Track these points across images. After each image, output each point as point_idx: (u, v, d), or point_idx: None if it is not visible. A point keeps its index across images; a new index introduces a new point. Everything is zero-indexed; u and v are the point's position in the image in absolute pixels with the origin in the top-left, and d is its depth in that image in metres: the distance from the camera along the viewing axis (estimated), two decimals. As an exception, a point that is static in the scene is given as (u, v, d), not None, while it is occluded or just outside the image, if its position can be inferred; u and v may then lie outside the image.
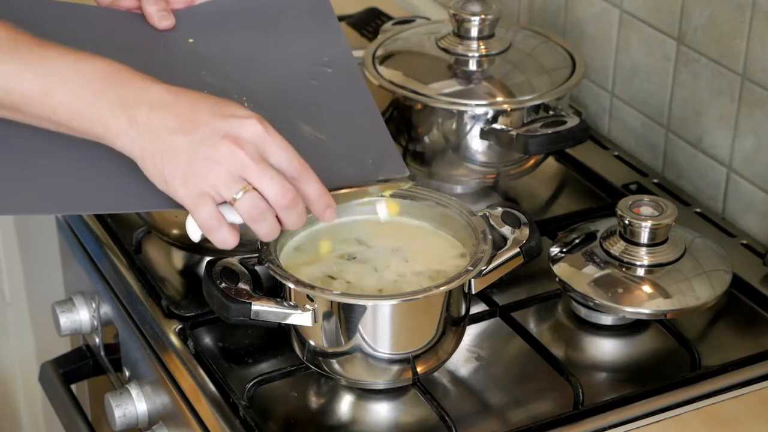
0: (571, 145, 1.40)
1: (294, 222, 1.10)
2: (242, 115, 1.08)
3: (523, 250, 1.17)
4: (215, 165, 1.06)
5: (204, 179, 1.07)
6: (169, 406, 1.27)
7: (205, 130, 1.07)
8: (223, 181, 1.07)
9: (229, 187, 1.07)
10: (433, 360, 1.16)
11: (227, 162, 1.06)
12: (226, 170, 1.06)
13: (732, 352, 1.24)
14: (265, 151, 1.08)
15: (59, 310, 1.49)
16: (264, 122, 1.09)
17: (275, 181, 1.08)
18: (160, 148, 1.07)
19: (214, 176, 1.07)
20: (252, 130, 1.08)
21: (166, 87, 1.09)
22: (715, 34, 1.43)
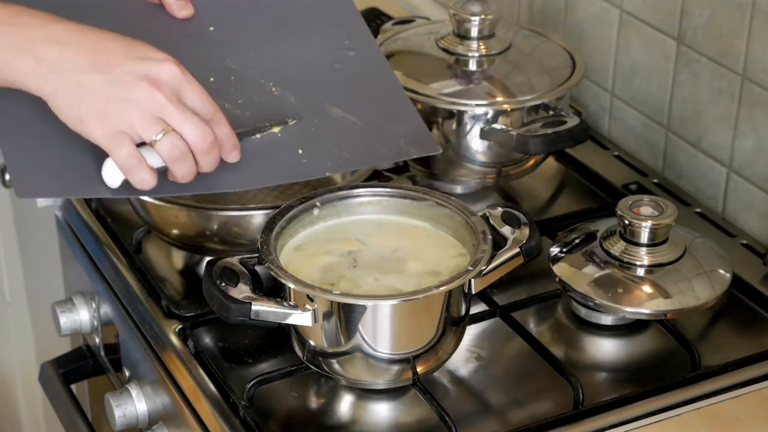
0: (571, 145, 1.40)
1: (210, 164, 1.12)
2: (157, 57, 1.09)
3: (523, 250, 1.17)
4: (133, 106, 1.07)
5: (121, 119, 1.07)
6: (169, 406, 1.27)
7: (120, 70, 1.07)
8: (142, 121, 1.07)
9: (149, 128, 1.08)
10: (433, 360, 1.16)
11: (146, 103, 1.07)
12: (145, 111, 1.07)
13: (732, 352, 1.24)
14: (181, 93, 1.09)
15: (59, 310, 1.49)
16: (179, 65, 1.09)
17: (196, 124, 1.09)
18: (73, 86, 1.06)
19: (132, 117, 1.07)
20: (169, 72, 1.08)
21: (72, 25, 1.09)
22: (715, 34, 1.43)
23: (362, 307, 1.11)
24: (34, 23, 1.08)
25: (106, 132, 1.08)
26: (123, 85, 1.07)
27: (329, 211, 1.23)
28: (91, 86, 1.07)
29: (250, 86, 1.27)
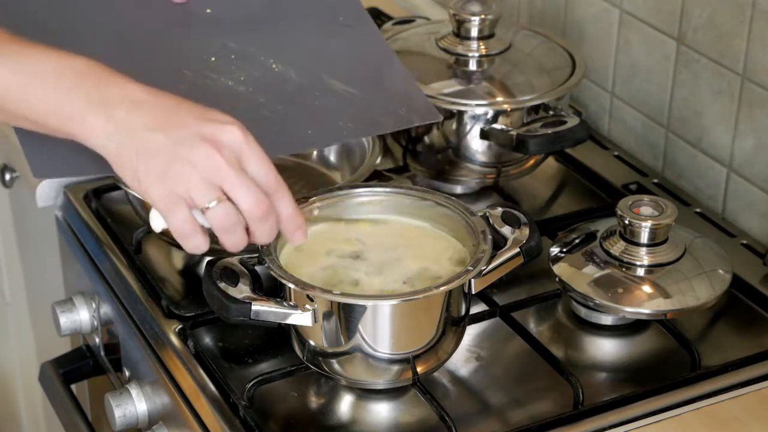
0: (571, 145, 1.40)
1: (265, 235, 1.09)
2: (224, 120, 1.06)
3: (523, 250, 1.17)
4: (192, 168, 1.04)
5: (179, 182, 1.04)
6: (169, 406, 1.27)
7: (184, 131, 1.05)
8: (198, 187, 1.04)
9: (204, 194, 1.05)
10: (433, 360, 1.16)
11: (204, 166, 1.04)
12: (202, 175, 1.04)
13: (732, 352, 1.24)
14: (243, 159, 1.06)
15: (59, 310, 1.49)
16: (245, 130, 1.07)
17: (251, 191, 1.05)
18: (136, 144, 1.05)
19: (190, 180, 1.04)
20: (232, 137, 1.05)
21: (146, 87, 1.07)
22: (715, 34, 1.43)
23: (362, 307, 1.11)
24: (111, 82, 1.07)
25: (162, 194, 1.05)
26: (185, 145, 1.04)
27: (329, 211, 1.23)
28: (154, 145, 1.04)
29: (251, 63, 1.28)
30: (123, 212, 1.44)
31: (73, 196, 1.49)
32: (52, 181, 1.51)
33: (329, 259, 1.19)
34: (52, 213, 1.55)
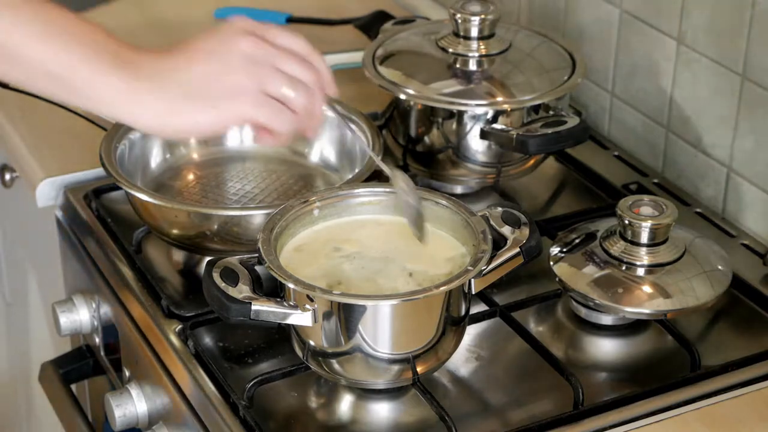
0: (571, 145, 1.40)
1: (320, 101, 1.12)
2: (229, 20, 1.08)
3: (523, 250, 1.17)
4: (249, 64, 1.06)
5: (249, 81, 1.06)
6: (169, 406, 1.27)
7: (215, 46, 1.06)
8: (268, 77, 1.06)
9: (278, 82, 1.07)
10: (433, 360, 1.16)
11: (258, 56, 1.06)
12: (262, 66, 1.06)
13: (732, 352, 1.24)
14: (271, 37, 1.08)
15: (59, 310, 1.49)
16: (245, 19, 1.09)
17: (304, 65, 1.09)
18: (186, 84, 1.05)
19: (256, 74, 1.06)
20: (250, 23, 1.08)
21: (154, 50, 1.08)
22: (715, 34, 1.43)
23: (362, 307, 1.11)
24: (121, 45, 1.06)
25: (244, 106, 1.06)
26: (227, 51, 1.06)
27: (329, 211, 1.23)
28: (205, 72, 1.05)
29: None
30: (123, 212, 1.44)
31: (73, 196, 1.49)
32: (52, 181, 1.51)
33: (329, 259, 1.19)
34: (52, 213, 1.55)
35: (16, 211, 1.78)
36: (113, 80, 1.05)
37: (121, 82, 1.05)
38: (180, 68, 1.06)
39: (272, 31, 1.09)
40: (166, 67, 1.06)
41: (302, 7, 1.93)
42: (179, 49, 1.08)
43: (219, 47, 1.07)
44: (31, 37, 1.03)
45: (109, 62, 1.05)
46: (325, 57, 1.13)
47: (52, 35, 1.04)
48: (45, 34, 1.04)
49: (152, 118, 1.07)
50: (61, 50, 1.04)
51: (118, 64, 1.05)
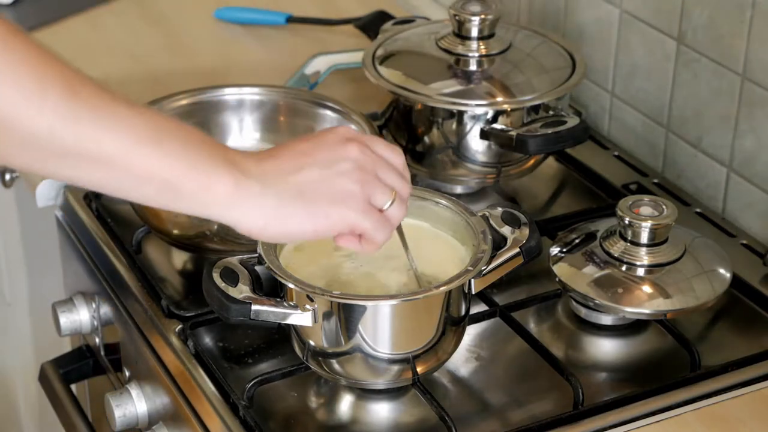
0: (571, 145, 1.40)
1: None
2: (331, 128, 1.08)
3: (523, 250, 1.17)
4: (359, 172, 1.04)
5: (360, 190, 1.04)
6: (169, 406, 1.27)
7: (323, 150, 1.04)
8: (374, 187, 1.05)
9: (382, 193, 1.06)
10: (433, 360, 1.16)
11: (366, 165, 1.05)
12: (369, 174, 1.04)
13: (732, 352, 1.24)
14: (373, 146, 1.07)
15: (59, 310, 1.49)
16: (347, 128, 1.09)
17: (401, 177, 1.08)
18: (296, 189, 1.02)
19: (366, 184, 1.04)
20: (352, 133, 1.07)
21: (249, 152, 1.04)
22: (715, 34, 1.43)
23: (362, 307, 1.11)
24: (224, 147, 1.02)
25: (353, 213, 1.03)
26: (336, 158, 1.04)
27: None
28: (314, 178, 1.03)
29: None
30: (123, 212, 1.44)
31: (73, 196, 1.49)
32: (52, 181, 1.51)
33: (329, 259, 1.19)
34: (52, 213, 1.55)
35: (16, 211, 1.78)
36: (223, 181, 0.99)
37: (230, 184, 1.00)
38: (289, 170, 1.03)
39: (373, 140, 1.08)
40: (275, 169, 1.02)
41: (302, 7, 1.93)
42: (284, 151, 1.04)
43: (327, 152, 1.04)
44: (138, 143, 0.97)
45: (218, 164, 1.00)
46: (325, 57, 1.12)
47: (161, 140, 0.98)
48: (152, 139, 0.98)
49: (258, 218, 1.02)
50: (171, 155, 0.98)
51: (226, 165, 1.00)
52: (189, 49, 1.84)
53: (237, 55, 1.83)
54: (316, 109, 1.48)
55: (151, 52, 1.83)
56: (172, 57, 1.81)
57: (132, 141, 0.96)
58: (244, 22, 1.91)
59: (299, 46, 1.83)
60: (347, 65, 1.73)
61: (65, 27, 1.89)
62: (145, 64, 1.79)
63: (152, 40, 1.87)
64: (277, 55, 1.82)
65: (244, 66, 1.79)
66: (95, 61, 1.80)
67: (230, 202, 1.01)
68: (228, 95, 1.50)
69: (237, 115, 1.50)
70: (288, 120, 1.50)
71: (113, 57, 1.81)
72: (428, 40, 1.49)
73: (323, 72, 1.72)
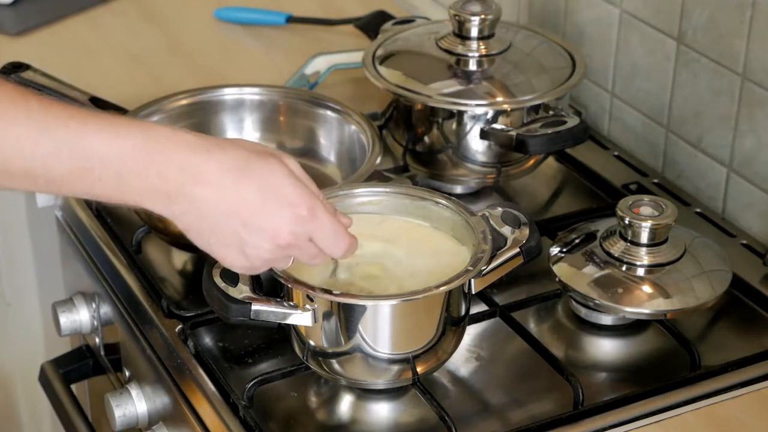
0: (571, 145, 1.40)
1: None
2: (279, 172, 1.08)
3: (523, 250, 1.17)
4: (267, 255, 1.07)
5: (258, 259, 1.07)
6: (169, 406, 1.27)
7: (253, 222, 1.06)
8: (278, 260, 1.09)
9: (283, 262, 1.10)
10: (433, 360, 1.16)
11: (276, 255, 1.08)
12: (280, 254, 1.08)
13: (732, 352, 1.24)
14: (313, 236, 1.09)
15: (59, 310, 1.49)
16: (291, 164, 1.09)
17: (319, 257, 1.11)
18: (209, 228, 1.06)
19: (270, 257, 1.08)
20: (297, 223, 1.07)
21: (208, 157, 1.05)
22: (715, 34, 1.43)
23: (362, 307, 1.11)
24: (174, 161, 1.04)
25: (246, 265, 1.08)
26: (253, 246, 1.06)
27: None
28: (227, 231, 1.06)
29: None
30: (123, 212, 1.44)
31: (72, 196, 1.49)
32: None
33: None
34: (52, 213, 1.55)
35: (17, 211, 1.78)
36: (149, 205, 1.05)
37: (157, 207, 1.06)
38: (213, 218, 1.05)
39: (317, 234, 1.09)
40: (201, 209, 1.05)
41: (302, 7, 1.93)
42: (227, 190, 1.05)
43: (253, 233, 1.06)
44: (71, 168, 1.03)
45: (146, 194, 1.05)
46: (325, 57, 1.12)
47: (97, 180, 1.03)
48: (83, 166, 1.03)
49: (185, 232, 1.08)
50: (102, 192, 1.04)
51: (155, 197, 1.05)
52: (189, 49, 1.84)
53: (237, 55, 1.83)
54: (316, 109, 1.48)
55: (151, 52, 1.82)
56: (172, 57, 1.81)
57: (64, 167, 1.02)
58: (244, 22, 1.91)
59: (299, 46, 1.83)
60: (347, 65, 1.73)
61: (65, 27, 1.89)
62: (145, 64, 1.79)
63: (152, 40, 1.87)
64: (277, 55, 1.82)
65: (244, 66, 1.79)
66: (95, 61, 1.80)
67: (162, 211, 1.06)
68: (228, 95, 1.50)
69: (237, 115, 1.50)
70: (288, 120, 1.50)
71: (113, 57, 1.81)
72: (428, 40, 1.49)
73: (323, 72, 1.72)
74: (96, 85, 1.60)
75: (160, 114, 1.45)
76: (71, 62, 1.78)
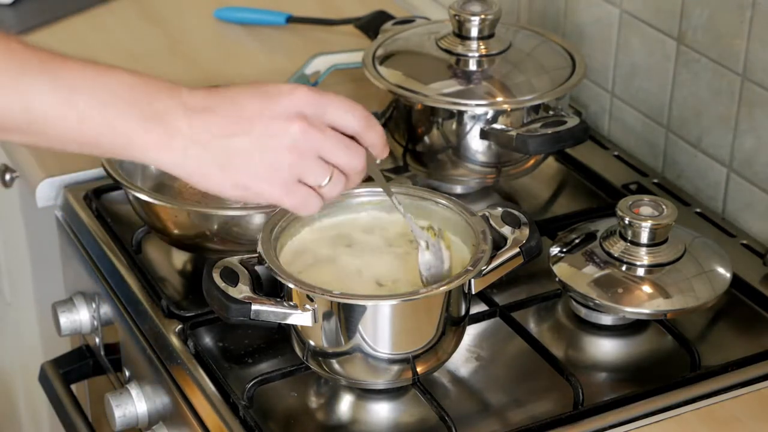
0: (571, 145, 1.40)
1: (356, 182, 1.10)
2: (285, 90, 1.04)
3: (523, 250, 1.17)
4: (291, 153, 1.02)
5: (287, 169, 1.03)
6: (169, 406, 1.27)
7: (261, 122, 1.02)
8: (310, 168, 1.04)
9: (318, 174, 1.05)
10: (433, 360, 1.16)
11: (303, 146, 1.03)
12: (305, 156, 1.03)
13: (732, 352, 1.24)
14: (325, 115, 1.05)
15: (59, 310, 1.49)
16: (308, 87, 1.05)
17: (349, 153, 1.06)
18: (221, 154, 1.01)
19: (298, 166, 1.03)
20: (307, 101, 1.03)
21: (196, 90, 1.03)
22: (715, 34, 1.43)
23: (362, 307, 1.11)
24: (162, 93, 1.00)
25: (277, 190, 1.04)
26: (273, 135, 1.02)
27: (329, 210, 1.23)
28: (241, 149, 1.01)
29: None
30: (123, 212, 1.44)
31: (73, 196, 1.49)
32: (52, 181, 1.51)
33: (330, 258, 1.19)
34: (52, 213, 1.55)
35: (16, 211, 1.78)
36: (143, 140, 1.00)
37: (150, 143, 1.01)
38: (219, 134, 1.01)
39: (330, 109, 1.05)
40: (205, 128, 1.01)
41: (302, 7, 1.93)
42: (225, 106, 1.02)
43: (266, 124, 1.02)
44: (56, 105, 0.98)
45: (140, 122, 1.00)
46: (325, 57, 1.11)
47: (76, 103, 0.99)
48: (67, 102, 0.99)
49: (182, 169, 1.03)
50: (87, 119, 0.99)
51: (150, 122, 1.00)
52: (189, 49, 1.84)
53: (237, 55, 1.83)
54: (316, 109, 1.48)
55: (151, 52, 1.83)
56: (172, 57, 1.81)
57: (48, 105, 0.98)
58: (244, 22, 1.91)
59: (299, 46, 1.83)
60: (347, 65, 1.73)
61: (65, 27, 1.89)
62: (145, 64, 1.79)
63: (152, 40, 1.87)
64: (277, 55, 1.82)
65: (244, 66, 1.80)
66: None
67: (154, 155, 1.02)
68: (228, 95, 1.49)
69: (237, 115, 1.50)
70: (288, 120, 1.50)
71: (113, 57, 1.81)
72: (428, 40, 1.49)
73: (323, 72, 1.72)
74: (96, 85, 1.60)
75: (160, 114, 1.45)
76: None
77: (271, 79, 1.65)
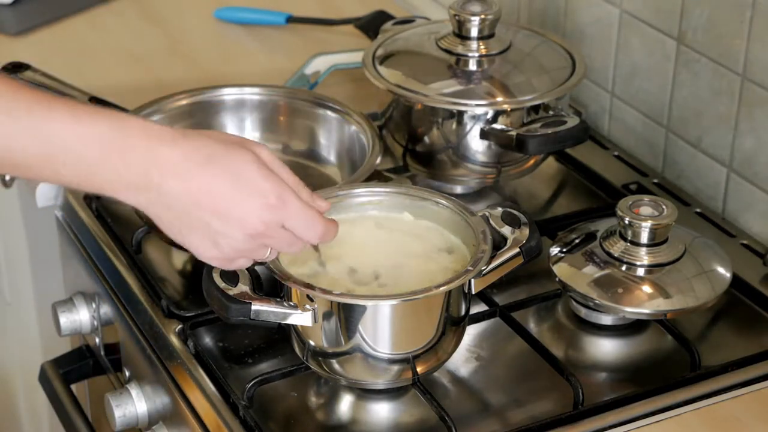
0: (571, 145, 1.40)
1: None
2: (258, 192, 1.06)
3: (523, 250, 1.17)
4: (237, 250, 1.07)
5: (231, 249, 1.07)
6: (169, 406, 1.27)
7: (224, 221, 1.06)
8: (250, 253, 1.09)
9: (257, 255, 1.10)
10: (433, 360, 1.16)
11: (252, 245, 1.07)
12: (251, 251, 1.08)
13: (732, 352, 1.24)
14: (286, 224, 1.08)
15: (59, 310, 1.49)
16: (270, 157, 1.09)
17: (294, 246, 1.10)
18: (178, 218, 1.06)
19: (241, 252, 1.08)
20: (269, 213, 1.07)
21: (173, 145, 1.04)
22: (715, 34, 1.43)
23: (362, 307, 1.11)
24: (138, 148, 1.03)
25: (218, 256, 1.08)
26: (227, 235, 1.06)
27: (329, 211, 1.23)
28: (197, 223, 1.06)
29: None
30: (123, 212, 1.44)
31: (73, 196, 1.49)
32: (52, 181, 1.51)
33: (330, 258, 1.18)
34: (52, 213, 1.55)
35: (16, 211, 1.78)
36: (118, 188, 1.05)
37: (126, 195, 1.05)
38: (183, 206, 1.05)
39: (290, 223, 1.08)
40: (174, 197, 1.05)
41: (302, 7, 1.93)
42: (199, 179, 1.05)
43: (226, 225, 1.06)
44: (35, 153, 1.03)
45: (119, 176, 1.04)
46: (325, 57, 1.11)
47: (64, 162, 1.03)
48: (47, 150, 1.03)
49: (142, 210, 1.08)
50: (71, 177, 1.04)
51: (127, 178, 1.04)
52: (189, 49, 1.84)
53: (237, 55, 1.83)
54: (316, 109, 1.48)
55: (151, 52, 1.83)
56: (172, 57, 1.81)
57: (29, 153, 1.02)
58: (244, 22, 1.91)
59: (299, 46, 1.83)
60: (347, 65, 1.73)
61: (65, 27, 1.89)
62: (145, 64, 1.79)
63: (152, 40, 1.87)
64: (277, 55, 1.82)
65: (244, 66, 1.80)
66: (95, 61, 1.80)
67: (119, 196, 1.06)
68: (228, 95, 1.50)
69: (237, 115, 1.50)
70: (288, 120, 1.50)
71: (113, 57, 1.81)
72: (428, 40, 1.49)
73: (323, 72, 1.72)
74: (96, 85, 1.61)
75: (160, 114, 1.45)
76: (71, 62, 1.78)
77: (271, 80, 1.65)
